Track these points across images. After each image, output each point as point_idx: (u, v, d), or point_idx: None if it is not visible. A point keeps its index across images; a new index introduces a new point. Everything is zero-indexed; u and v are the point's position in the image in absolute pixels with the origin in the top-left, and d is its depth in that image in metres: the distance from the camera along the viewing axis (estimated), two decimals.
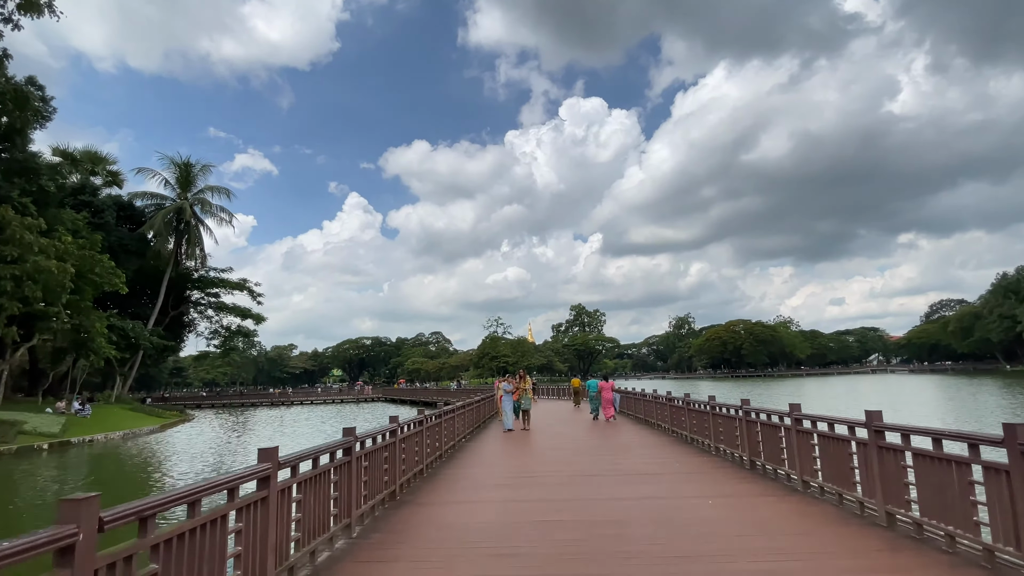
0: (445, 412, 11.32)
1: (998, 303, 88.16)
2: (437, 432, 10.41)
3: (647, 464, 9.69)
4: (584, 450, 11.70)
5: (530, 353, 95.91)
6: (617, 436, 13.90)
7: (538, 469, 9.55)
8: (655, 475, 8.61)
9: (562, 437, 14.10)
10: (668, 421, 14.02)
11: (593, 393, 18.83)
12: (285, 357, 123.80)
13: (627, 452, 11.24)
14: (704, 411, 11.25)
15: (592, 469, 9.26)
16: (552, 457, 10.81)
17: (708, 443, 10.92)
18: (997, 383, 51.66)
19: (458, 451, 12.01)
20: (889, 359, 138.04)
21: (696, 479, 8.25)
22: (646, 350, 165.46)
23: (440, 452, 10.51)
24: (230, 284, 52.75)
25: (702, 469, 8.95)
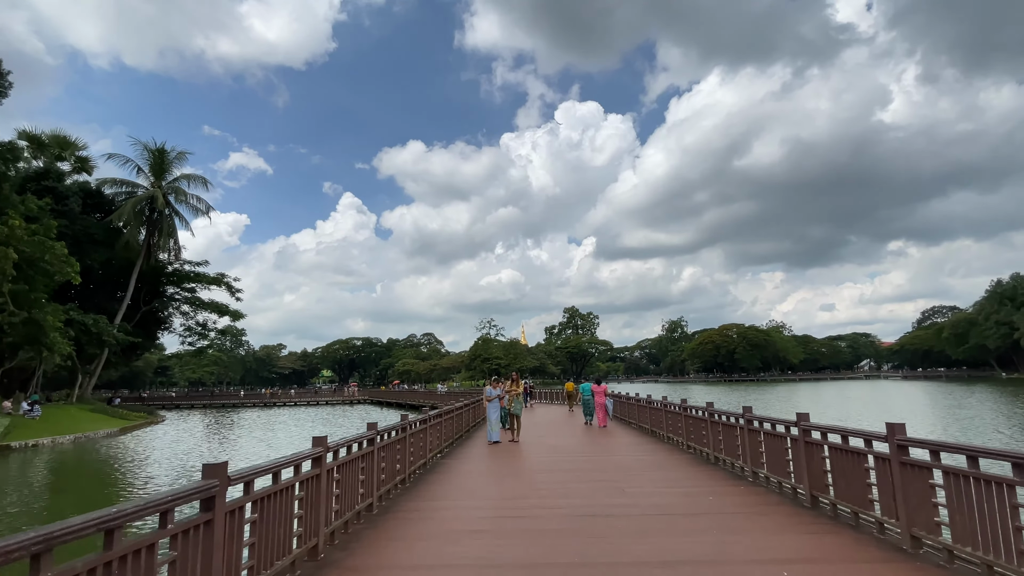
0: (412, 425, 9.12)
1: (994, 310, 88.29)
2: (398, 452, 7.98)
3: (666, 495, 7.33)
4: (583, 471, 9.34)
5: (523, 355, 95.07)
6: (617, 450, 12.01)
7: (527, 503, 7.15)
8: (684, 516, 6.18)
9: (556, 452, 11.85)
10: (680, 433, 11.99)
11: (587, 397, 18.15)
12: (274, 357, 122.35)
13: (634, 475, 8.87)
14: (730, 424, 8.99)
15: (597, 505, 6.80)
16: (544, 483, 8.43)
17: (738, 465, 8.57)
18: (996, 390, 51.23)
19: (429, 472, 9.58)
20: (880, 365, 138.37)
21: (743, 524, 5.79)
22: (639, 353, 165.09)
23: (404, 476, 8.29)
24: (207, 279, 50.02)
25: (744, 506, 6.61)
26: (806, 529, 5.58)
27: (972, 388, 56.24)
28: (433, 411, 11.27)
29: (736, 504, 6.70)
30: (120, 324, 41.92)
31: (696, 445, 10.83)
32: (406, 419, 8.82)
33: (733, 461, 8.88)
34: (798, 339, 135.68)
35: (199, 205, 48.05)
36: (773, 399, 48.96)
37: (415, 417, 9.68)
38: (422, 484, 8.51)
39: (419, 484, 8.51)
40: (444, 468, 10.07)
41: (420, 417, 10.03)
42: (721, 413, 9.53)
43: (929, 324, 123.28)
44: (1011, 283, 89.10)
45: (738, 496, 7.13)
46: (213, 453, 22.92)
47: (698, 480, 8.33)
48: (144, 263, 44.94)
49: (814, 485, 6.38)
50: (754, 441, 8.06)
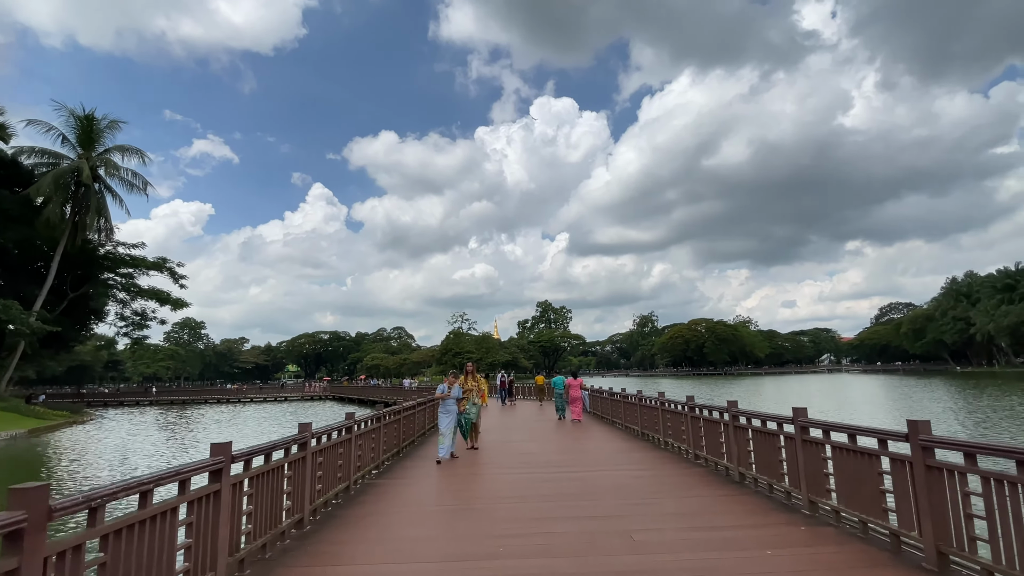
0: (335, 433, 6.70)
1: (951, 306, 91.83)
2: (303, 474, 5.58)
3: (699, 544, 4.76)
4: (567, 498, 6.72)
5: (495, 349, 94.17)
6: (604, 459, 9.75)
7: (485, 551, 4.81)
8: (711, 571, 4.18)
9: (529, 466, 9.21)
10: (663, 432, 10.76)
11: (559, 391, 17.36)
12: (236, 351, 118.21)
13: (642, 505, 6.27)
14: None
15: (598, 567, 4.33)
16: (516, 521, 5.73)
17: (730, 467, 7.49)
18: (953, 383, 52.87)
19: (351, 503, 6.68)
20: (840, 359, 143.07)
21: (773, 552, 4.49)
22: (610, 347, 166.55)
23: (316, 507, 5.95)
24: (145, 263, 44.82)
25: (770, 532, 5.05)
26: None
27: (929, 381, 58.20)
28: (362, 416, 8.20)
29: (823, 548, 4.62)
30: (39, 312, 37.01)
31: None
32: (305, 435, 5.67)
33: (772, 482, 6.50)
34: (763, 334, 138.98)
35: (135, 181, 41.67)
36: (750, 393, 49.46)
37: (332, 425, 6.76)
38: (331, 527, 5.60)
39: (327, 527, 5.60)
40: (374, 495, 7.11)
41: (340, 424, 7.01)
42: (758, 416, 6.93)
43: (887, 320, 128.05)
44: (966, 280, 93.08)
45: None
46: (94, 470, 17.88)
47: (736, 513, 5.75)
48: (69, 243, 38.79)
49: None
50: (811, 457, 5.76)
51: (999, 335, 79.25)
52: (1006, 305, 78.76)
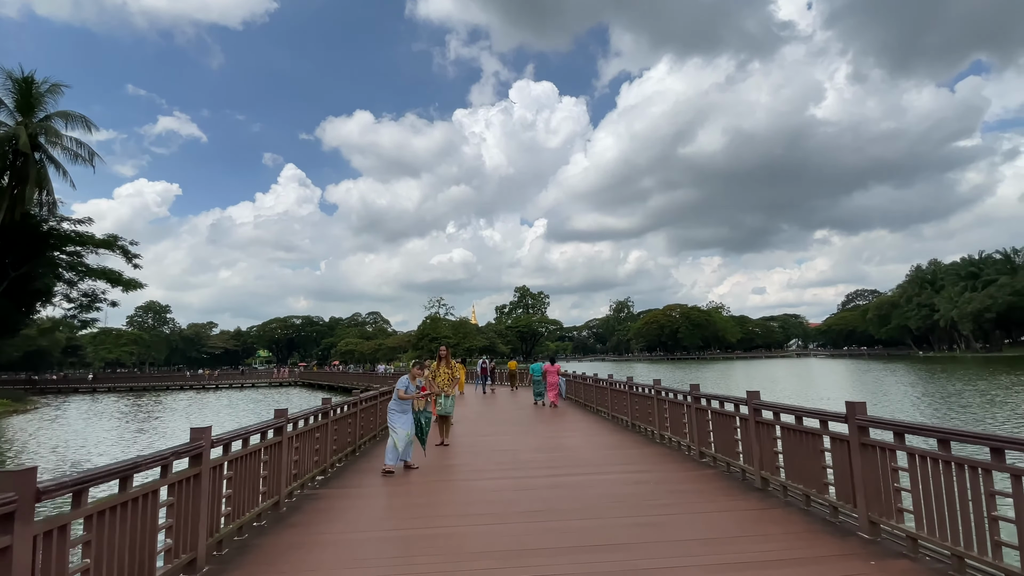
0: (253, 438, 5.24)
1: (916, 292, 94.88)
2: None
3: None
4: (556, 514, 5.37)
5: (472, 334, 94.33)
6: (583, 455, 8.64)
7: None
8: None
9: (502, 460, 8.35)
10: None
11: (537, 377, 17.56)
12: (204, 336, 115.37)
13: (645, 519, 5.14)
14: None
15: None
16: (486, 548, 4.49)
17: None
18: (915, 368, 54.89)
19: (282, 523, 5.25)
20: (807, 344, 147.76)
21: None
22: (586, 333, 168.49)
23: (222, 536, 4.46)
24: (94, 241, 40.98)
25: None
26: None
27: (893, 366, 60.50)
28: (300, 413, 6.69)
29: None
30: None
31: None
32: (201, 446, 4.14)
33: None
34: (735, 319, 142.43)
35: (79, 151, 37.90)
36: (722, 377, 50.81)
37: (253, 427, 5.31)
38: (238, 566, 4.15)
39: (232, 567, 4.13)
40: (310, 513, 5.59)
41: (265, 425, 5.57)
42: (770, 407, 6.07)
43: (853, 307, 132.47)
44: (931, 268, 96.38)
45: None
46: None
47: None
48: (7, 218, 35.47)
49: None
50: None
51: (962, 321, 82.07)
52: (969, 292, 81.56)
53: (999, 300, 75.43)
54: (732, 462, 6.89)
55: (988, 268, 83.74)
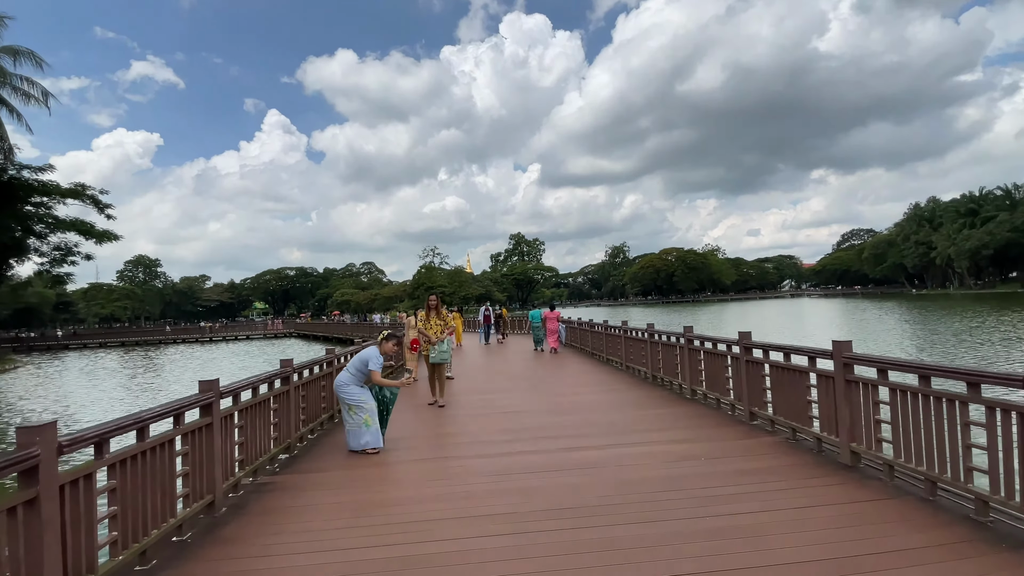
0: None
1: (913, 230, 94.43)
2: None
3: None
4: (586, 507, 4.04)
5: (468, 283, 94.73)
6: (598, 409, 7.70)
7: None
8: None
9: (509, 429, 6.74)
10: (683, 377, 8.63)
11: (536, 323, 17.71)
12: (197, 289, 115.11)
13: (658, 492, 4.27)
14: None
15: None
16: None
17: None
18: (906, 305, 55.56)
19: (212, 535, 3.79)
20: (800, 284, 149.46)
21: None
22: (582, 279, 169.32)
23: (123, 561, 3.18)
24: (59, 191, 38.22)
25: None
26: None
27: (885, 304, 61.35)
28: (239, 384, 4.88)
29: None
30: None
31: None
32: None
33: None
34: (731, 261, 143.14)
35: (31, 91, 34.82)
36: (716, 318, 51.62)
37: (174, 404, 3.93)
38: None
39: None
40: (254, 514, 4.20)
41: (187, 402, 3.98)
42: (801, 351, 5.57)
43: (847, 246, 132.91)
44: (929, 206, 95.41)
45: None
46: None
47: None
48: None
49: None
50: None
51: (958, 259, 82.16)
52: (967, 229, 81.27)
53: (997, 236, 75.39)
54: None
55: (988, 205, 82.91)
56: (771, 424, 6.02)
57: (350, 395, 5.87)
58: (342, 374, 6.07)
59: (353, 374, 6.01)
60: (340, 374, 6.09)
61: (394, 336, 6.39)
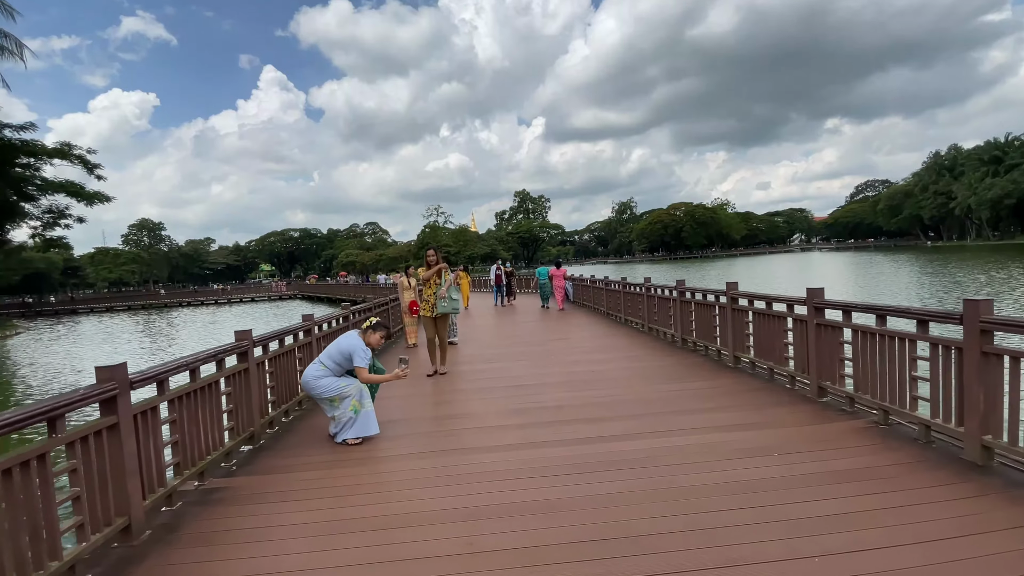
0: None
1: (932, 180, 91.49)
2: None
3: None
4: (636, 539, 2.82)
5: (473, 242, 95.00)
6: (626, 380, 6.67)
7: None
8: None
9: (519, 406, 5.73)
10: (724, 342, 7.54)
11: (543, 281, 17.77)
12: (202, 252, 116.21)
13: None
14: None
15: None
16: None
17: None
18: (921, 258, 54.52)
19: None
20: (810, 239, 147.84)
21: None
22: (588, 236, 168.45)
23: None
24: (45, 150, 37.02)
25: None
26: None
27: (899, 256, 60.47)
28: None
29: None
30: None
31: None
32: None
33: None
34: (740, 215, 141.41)
35: (4, 42, 32.50)
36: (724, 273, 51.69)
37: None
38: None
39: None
40: (188, 541, 3.17)
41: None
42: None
43: (861, 198, 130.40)
44: (951, 154, 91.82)
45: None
46: None
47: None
48: None
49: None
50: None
51: (979, 209, 79.81)
52: (990, 178, 78.70)
53: (1022, 185, 73.08)
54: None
55: (1013, 152, 79.51)
56: (849, 403, 4.87)
57: (327, 389, 4.72)
58: (313, 368, 4.84)
59: (330, 367, 4.79)
60: (309, 368, 4.88)
61: (382, 327, 5.04)
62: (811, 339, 5.30)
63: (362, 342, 4.88)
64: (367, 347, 4.89)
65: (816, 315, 5.23)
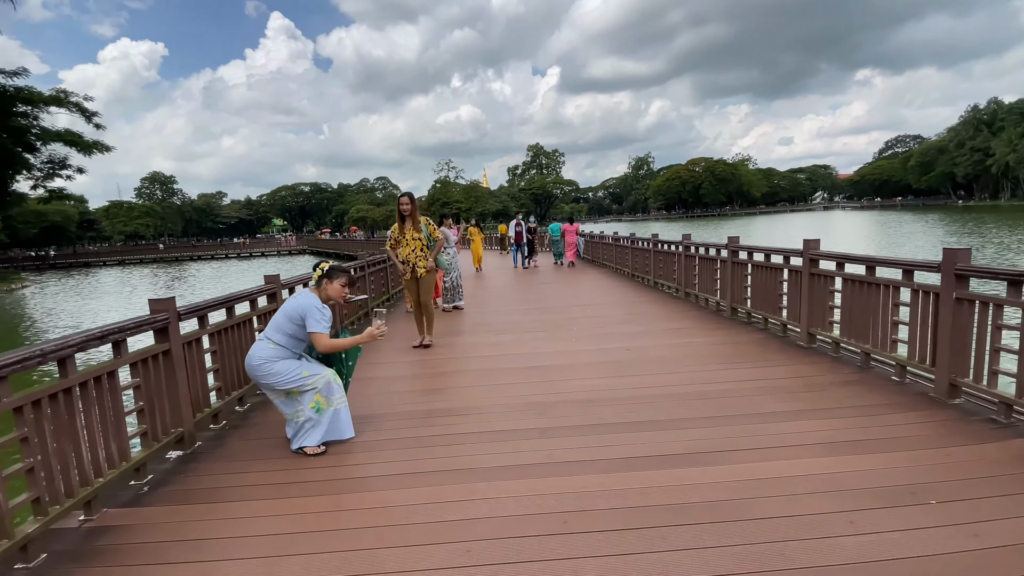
0: None
1: (969, 135, 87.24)
2: None
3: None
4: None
5: (484, 198, 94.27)
6: (672, 361, 5.33)
7: None
8: None
9: (538, 399, 4.33)
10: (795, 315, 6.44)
11: (556, 238, 17.86)
12: (215, 206, 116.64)
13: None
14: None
15: None
16: None
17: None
18: (952, 217, 51.99)
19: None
20: (833, 197, 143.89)
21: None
22: (602, 193, 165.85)
23: None
24: (41, 97, 35.47)
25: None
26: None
27: (928, 216, 57.84)
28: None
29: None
30: None
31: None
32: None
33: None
34: (762, 172, 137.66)
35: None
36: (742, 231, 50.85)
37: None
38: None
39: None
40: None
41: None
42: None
43: (891, 154, 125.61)
44: (990, 108, 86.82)
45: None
46: None
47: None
48: None
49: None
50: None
51: (1019, 166, 76.31)
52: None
53: None
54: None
55: None
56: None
57: (281, 378, 3.51)
58: (258, 347, 3.58)
59: (282, 343, 3.57)
60: (254, 347, 3.61)
61: (340, 272, 3.75)
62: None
63: (316, 298, 3.62)
64: (324, 304, 3.63)
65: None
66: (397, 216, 6.47)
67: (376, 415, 4.18)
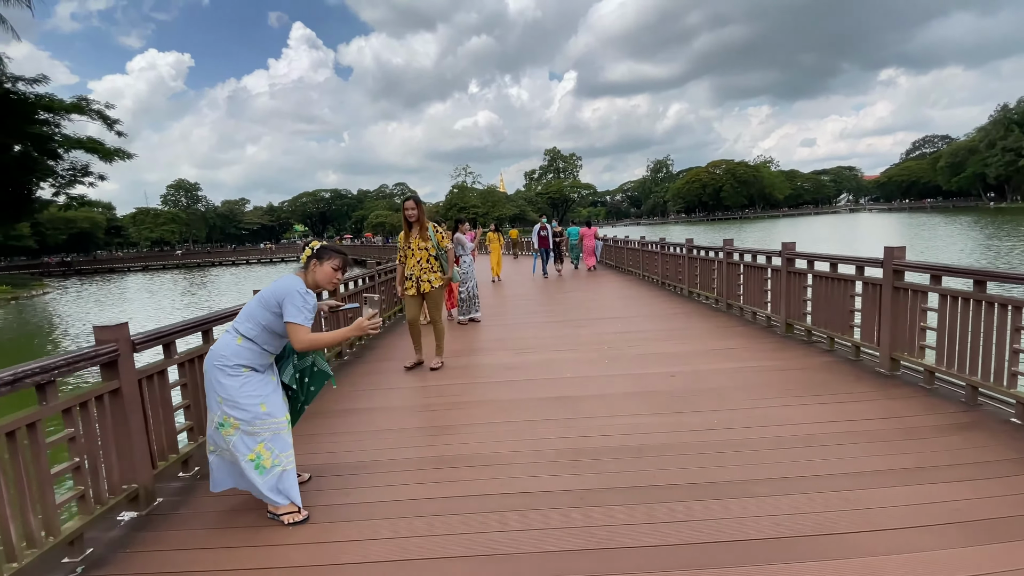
0: None
1: (1000, 135, 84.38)
2: None
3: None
4: None
5: (501, 203, 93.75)
6: (724, 397, 4.25)
7: None
8: None
9: (569, 427, 3.77)
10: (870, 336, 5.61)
11: (574, 242, 17.92)
12: (238, 213, 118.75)
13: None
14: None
15: None
16: None
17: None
18: (986, 220, 49.83)
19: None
20: (859, 199, 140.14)
21: None
22: (620, 197, 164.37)
23: None
24: (62, 105, 35.14)
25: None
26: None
27: (958, 218, 55.53)
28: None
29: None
30: None
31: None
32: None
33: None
34: (784, 174, 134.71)
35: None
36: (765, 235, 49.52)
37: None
38: None
39: None
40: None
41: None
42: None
43: (919, 155, 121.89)
44: (1022, 107, 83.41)
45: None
46: None
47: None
48: None
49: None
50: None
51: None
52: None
53: None
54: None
55: None
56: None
57: (227, 395, 2.72)
58: (222, 343, 2.82)
59: (249, 335, 2.79)
60: (218, 342, 2.86)
61: (333, 253, 2.94)
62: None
63: (301, 282, 2.83)
64: (310, 290, 2.85)
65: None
66: (403, 223, 5.66)
67: (371, 463, 3.46)
